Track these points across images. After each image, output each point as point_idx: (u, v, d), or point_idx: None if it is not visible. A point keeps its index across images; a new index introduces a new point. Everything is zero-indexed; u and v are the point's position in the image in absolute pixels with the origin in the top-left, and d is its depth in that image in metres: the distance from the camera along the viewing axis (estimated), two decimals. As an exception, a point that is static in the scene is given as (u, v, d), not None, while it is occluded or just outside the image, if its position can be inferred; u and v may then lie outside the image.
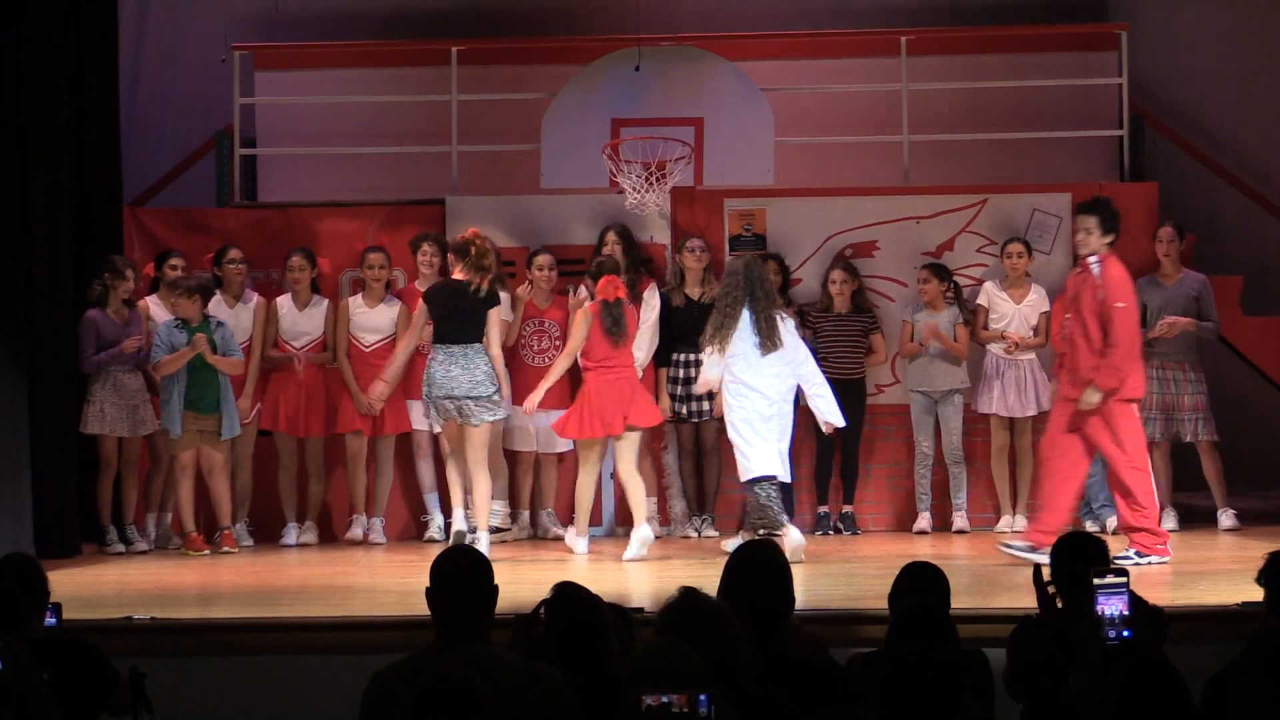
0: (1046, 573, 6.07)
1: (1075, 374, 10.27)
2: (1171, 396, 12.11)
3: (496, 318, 11.19)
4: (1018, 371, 12.25)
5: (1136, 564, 9.96)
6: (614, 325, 11.29)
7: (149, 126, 13.87)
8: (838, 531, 12.34)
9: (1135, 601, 5.28)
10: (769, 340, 10.97)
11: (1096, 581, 5.18)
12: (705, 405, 12.11)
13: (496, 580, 5.17)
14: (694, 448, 12.36)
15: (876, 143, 13.17)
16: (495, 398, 11.03)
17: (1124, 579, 5.20)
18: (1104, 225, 10.27)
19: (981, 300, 12.32)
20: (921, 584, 6.05)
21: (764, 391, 10.94)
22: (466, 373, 10.95)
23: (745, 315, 10.97)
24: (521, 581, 9.07)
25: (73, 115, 11.92)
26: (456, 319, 11.03)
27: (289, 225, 12.75)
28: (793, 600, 5.46)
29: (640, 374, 12.01)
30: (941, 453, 12.36)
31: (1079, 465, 10.41)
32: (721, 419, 11.97)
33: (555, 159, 12.67)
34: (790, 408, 11.13)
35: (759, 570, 5.44)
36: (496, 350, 11.13)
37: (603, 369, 11.33)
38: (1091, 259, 10.30)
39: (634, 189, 12.08)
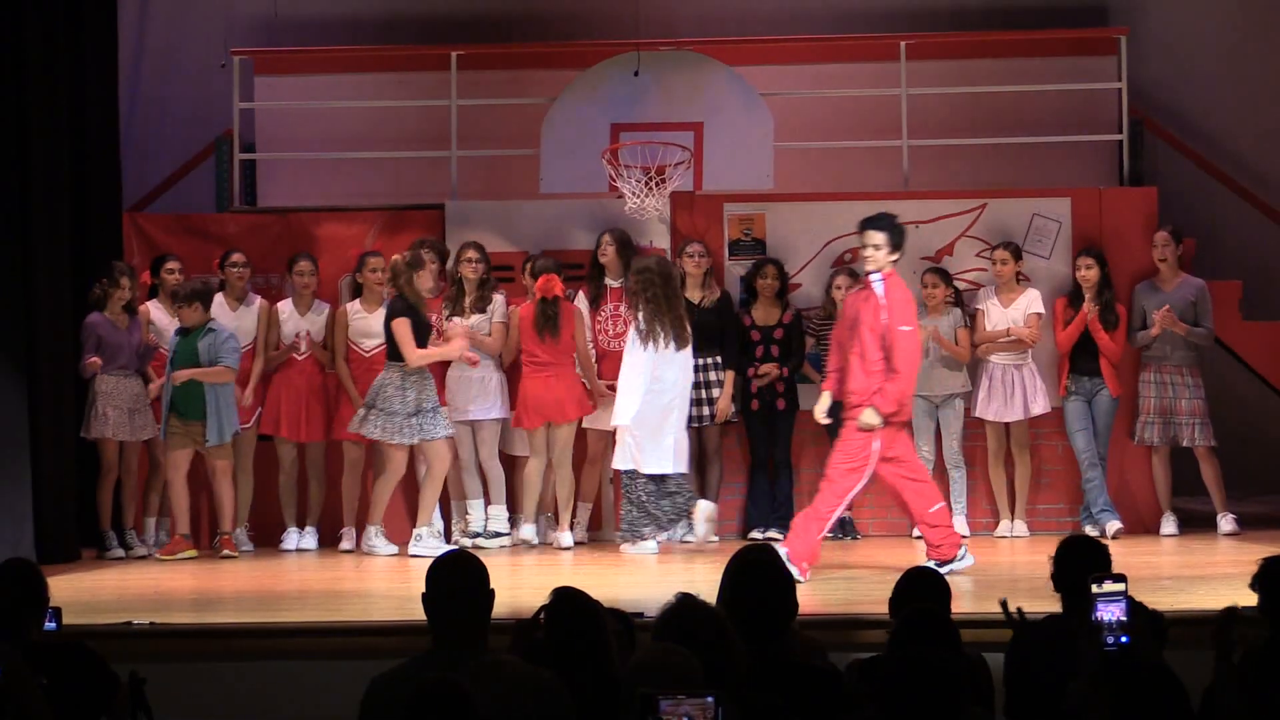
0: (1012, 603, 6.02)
1: (844, 396, 10.01)
2: (1169, 401, 12.11)
3: (402, 330, 11.44)
4: (1007, 376, 12.23)
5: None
6: (545, 322, 11.78)
7: (148, 131, 13.85)
8: (837, 537, 12.31)
9: (1134, 607, 5.24)
10: (684, 335, 11.40)
11: (1095, 588, 5.14)
12: (706, 410, 12.09)
13: (497, 586, 5.15)
14: (696, 452, 12.32)
15: (876, 148, 13.13)
16: (408, 416, 11.48)
17: (1122, 585, 5.16)
18: (892, 241, 9.93)
19: (978, 305, 12.32)
20: (923, 589, 6.02)
21: (671, 384, 11.41)
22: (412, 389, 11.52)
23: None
24: (521, 586, 9.03)
25: (72, 120, 11.91)
26: (387, 338, 11.59)
27: (288, 230, 12.73)
28: (795, 606, 5.47)
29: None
30: (942, 457, 12.34)
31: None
32: (725, 423, 12.08)
33: (554, 164, 12.63)
34: (688, 399, 11.56)
35: (760, 576, 5.44)
36: (410, 357, 11.42)
37: (534, 365, 11.86)
38: (875, 277, 9.95)
39: (633, 194, 12.04)
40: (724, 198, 12.63)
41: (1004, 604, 5.94)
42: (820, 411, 10.33)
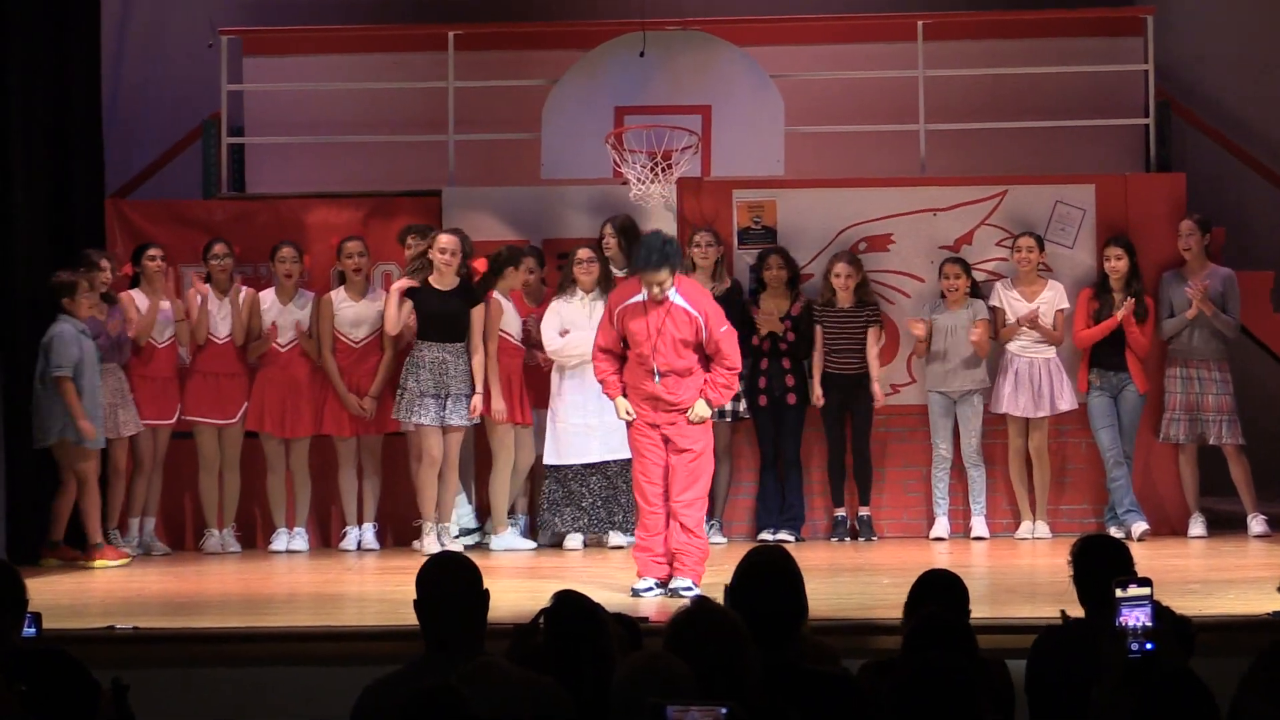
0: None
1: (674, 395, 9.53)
2: (1195, 396, 11.93)
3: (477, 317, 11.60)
4: (1033, 370, 12.00)
5: (695, 591, 9.21)
6: None
7: (132, 115, 13.80)
8: (854, 536, 12.09)
9: (1160, 612, 5.13)
10: None
11: (1119, 591, 5.01)
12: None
13: (496, 589, 5.12)
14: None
15: (891, 132, 12.98)
16: (429, 397, 11.57)
17: (1148, 589, 5.03)
18: (670, 266, 9.44)
19: (994, 301, 12.10)
20: (939, 593, 5.89)
21: None
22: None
23: None
24: (520, 590, 9.08)
25: (53, 103, 11.87)
26: None
27: (278, 217, 12.62)
28: (805, 608, 5.41)
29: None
30: (960, 455, 12.13)
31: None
32: (732, 419, 11.95)
33: (556, 148, 12.45)
34: None
35: (769, 577, 5.39)
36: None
37: None
38: (673, 292, 9.46)
39: (638, 180, 11.87)
40: (733, 184, 12.49)
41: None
42: (625, 412, 9.71)
